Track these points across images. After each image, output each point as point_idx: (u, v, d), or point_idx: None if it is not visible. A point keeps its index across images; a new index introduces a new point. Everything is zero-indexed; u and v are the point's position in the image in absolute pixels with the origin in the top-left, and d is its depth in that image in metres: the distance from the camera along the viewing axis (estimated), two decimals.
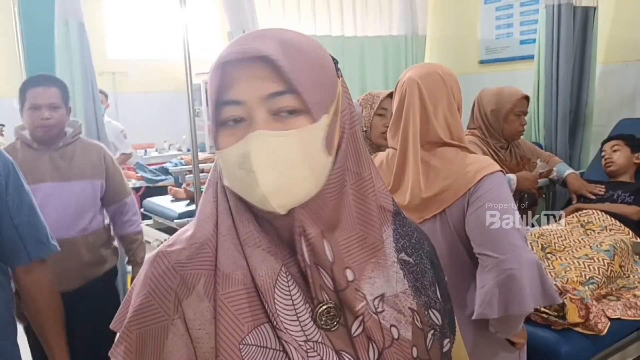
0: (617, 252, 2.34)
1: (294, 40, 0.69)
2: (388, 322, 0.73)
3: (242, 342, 0.67)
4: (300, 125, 0.67)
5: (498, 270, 1.34)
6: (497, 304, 1.34)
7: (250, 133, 0.66)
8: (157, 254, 0.73)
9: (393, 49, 4.67)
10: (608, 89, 3.81)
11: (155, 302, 0.70)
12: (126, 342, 0.70)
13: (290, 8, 4.23)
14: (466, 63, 4.75)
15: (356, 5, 4.51)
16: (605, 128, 3.58)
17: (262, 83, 0.66)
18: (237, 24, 3.68)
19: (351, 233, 0.73)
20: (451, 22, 4.89)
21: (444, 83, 1.50)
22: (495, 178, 1.43)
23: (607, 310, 2.10)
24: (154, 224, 5.05)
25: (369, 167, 0.76)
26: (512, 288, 1.33)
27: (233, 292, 0.68)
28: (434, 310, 0.78)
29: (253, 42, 0.67)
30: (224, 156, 0.68)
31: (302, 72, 0.67)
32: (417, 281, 0.78)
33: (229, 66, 0.67)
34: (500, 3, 4.49)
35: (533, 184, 2.77)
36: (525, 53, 4.26)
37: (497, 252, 1.35)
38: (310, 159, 0.68)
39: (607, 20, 3.74)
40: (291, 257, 0.71)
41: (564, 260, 2.35)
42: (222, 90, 0.67)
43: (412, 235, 0.81)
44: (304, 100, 0.67)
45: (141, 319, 0.70)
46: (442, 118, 1.49)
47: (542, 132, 3.75)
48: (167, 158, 5.90)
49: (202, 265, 0.70)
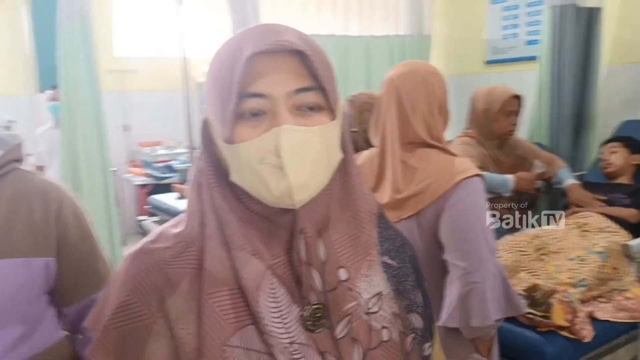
0: (611, 254, 2.31)
1: (309, 38, 0.69)
2: (380, 323, 0.73)
3: (225, 343, 0.66)
4: (322, 121, 0.68)
5: (462, 282, 1.38)
6: (459, 315, 1.38)
7: (273, 127, 0.65)
8: (139, 250, 0.72)
9: (399, 49, 4.64)
10: (612, 90, 3.76)
11: (137, 300, 0.69)
12: (105, 341, 0.69)
13: (295, 6, 4.23)
14: (472, 63, 4.72)
15: (362, 4, 4.50)
16: (610, 129, 3.53)
17: (290, 77, 0.66)
18: (240, 23, 3.70)
19: (345, 232, 0.74)
20: (458, 22, 4.87)
21: (424, 83, 1.50)
22: (472, 183, 1.43)
23: (597, 312, 2.08)
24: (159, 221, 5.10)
25: (355, 167, 0.76)
26: (474, 301, 1.37)
27: (218, 293, 0.68)
28: (415, 313, 0.78)
29: (280, 36, 0.66)
30: (242, 149, 0.66)
31: (324, 69, 0.68)
32: (399, 284, 0.78)
33: (258, 58, 0.65)
34: (507, 3, 4.46)
35: (531, 184, 2.74)
36: (531, 53, 4.22)
37: (464, 263, 1.38)
38: (330, 156, 0.69)
39: (612, 21, 3.69)
40: (282, 257, 0.70)
41: (558, 262, 2.33)
42: (246, 83, 0.65)
43: (395, 239, 0.81)
44: (327, 97, 0.68)
45: (122, 318, 0.69)
46: (420, 118, 1.49)
47: (545, 133, 3.71)
48: (174, 156, 5.94)
49: (187, 264, 0.70)
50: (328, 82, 0.68)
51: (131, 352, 0.68)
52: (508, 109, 2.68)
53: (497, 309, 1.40)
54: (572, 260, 2.30)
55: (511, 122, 2.71)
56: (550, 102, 3.64)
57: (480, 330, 1.42)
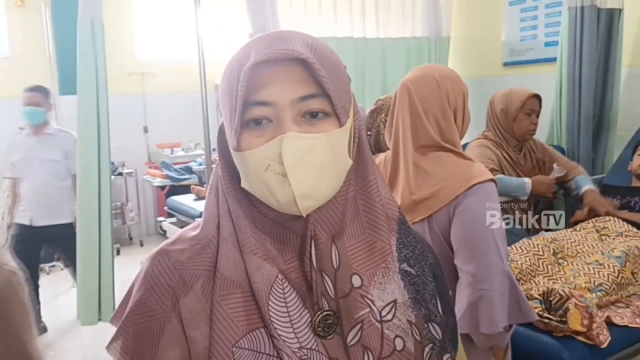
0: (630, 258, 2.28)
1: (318, 45, 0.69)
2: (393, 332, 0.73)
3: (235, 345, 0.68)
4: (328, 128, 0.67)
5: (472, 289, 1.37)
6: (468, 322, 1.38)
7: (278, 135, 0.65)
8: (158, 251, 0.74)
9: (416, 51, 4.63)
10: (633, 92, 3.72)
11: (153, 299, 0.71)
12: (123, 338, 0.71)
13: (312, 9, 4.24)
14: (490, 65, 4.69)
15: (378, 7, 4.49)
16: (630, 132, 3.48)
17: (294, 85, 0.66)
18: (258, 25, 3.72)
19: (359, 238, 0.74)
20: (475, 23, 4.84)
21: (437, 87, 1.49)
22: (485, 188, 1.42)
23: (615, 318, 2.06)
24: (177, 222, 5.15)
25: (374, 172, 0.76)
26: (483, 309, 1.36)
27: (230, 295, 0.69)
28: (434, 323, 0.77)
29: (284, 44, 0.66)
30: (248, 157, 0.67)
31: (331, 75, 0.67)
32: (417, 293, 0.77)
33: (260, 67, 0.65)
34: (525, 4, 4.42)
35: (549, 188, 2.72)
36: (550, 55, 4.18)
37: (473, 269, 1.37)
38: (337, 163, 0.68)
39: (633, 22, 3.65)
40: (295, 262, 0.71)
41: (575, 266, 2.31)
42: (250, 92, 0.66)
43: (415, 246, 0.80)
44: (333, 103, 0.67)
45: (139, 315, 0.71)
46: (434, 122, 1.49)
47: (564, 136, 3.67)
48: (193, 157, 5.99)
49: (202, 266, 0.71)
50: (334, 88, 0.67)
51: (146, 349, 0.70)
52: (528, 108, 2.68)
53: (507, 317, 1.39)
54: (589, 264, 2.27)
55: (532, 121, 2.70)
56: (569, 105, 3.60)
57: (491, 338, 1.42)
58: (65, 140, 3.64)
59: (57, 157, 3.59)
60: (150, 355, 0.70)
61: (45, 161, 3.57)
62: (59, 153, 3.61)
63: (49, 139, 3.62)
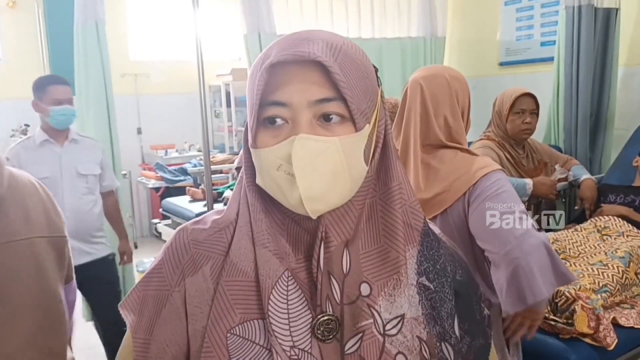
0: (633, 259, 2.28)
1: (343, 47, 0.68)
2: (396, 347, 0.70)
3: (230, 330, 0.69)
4: (344, 132, 0.67)
5: (505, 263, 1.34)
6: (512, 298, 1.33)
7: (292, 135, 0.65)
8: (183, 227, 0.78)
9: (412, 51, 4.63)
10: (630, 91, 3.73)
11: (164, 271, 0.75)
12: (133, 299, 0.76)
13: (308, 10, 4.22)
14: (486, 65, 4.69)
15: (374, 7, 4.49)
16: (627, 132, 3.50)
17: (311, 87, 0.66)
18: (253, 26, 3.71)
19: (374, 246, 0.72)
20: (471, 23, 4.84)
21: (448, 86, 1.50)
22: (494, 175, 1.43)
23: (621, 319, 2.06)
24: (172, 224, 5.11)
25: (397, 178, 0.74)
26: (521, 279, 1.32)
27: (235, 282, 0.70)
28: (447, 344, 0.73)
29: (304, 46, 0.66)
30: (262, 155, 0.68)
31: (351, 80, 0.67)
32: (433, 309, 0.73)
33: (279, 68, 0.66)
34: (520, 4, 4.42)
35: (550, 189, 2.71)
36: (546, 55, 4.19)
37: (500, 245, 1.34)
38: (351, 168, 0.68)
39: (630, 21, 3.66)
40: (305, 262, 0.71)
41: (578, 267, 2.31)
42: (268, 91, 0.67)
43: (437, 260, 0.76)
44: (350, 108, 0.67)
45: (149, 282, 0.76)
46: (442, 121, 1.49)
47: (562, 135, 3.68)
48: (187, 159, 5.95)
49: (215, 249, 0.74)
50: (352, 93, 0.66)
51: (149, 313, 0.74)
52: (519, 108, 2.66)
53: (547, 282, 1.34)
54: (593, 265, 2.27)
55: (524, 120, 2.66)
56: (567, 104, 3.61)
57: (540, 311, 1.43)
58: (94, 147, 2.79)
59: (96, 170, 2.73)
60: (150, 321, 0.74)
61: (83, 177, 2.67)
62: (96, 165, 2.74)
63: (78, 147, 2.69)
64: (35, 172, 2.21)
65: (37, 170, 2.30)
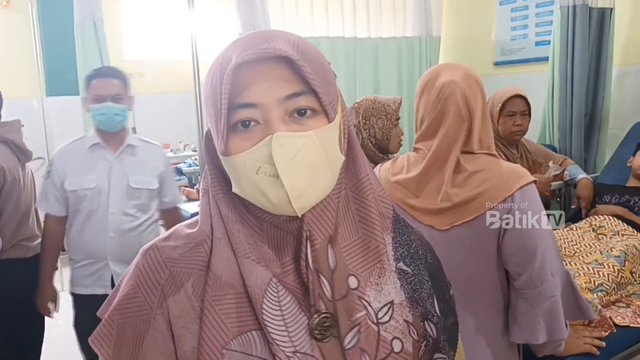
0: (629, 258, 2.29)
1: (300, 42, 0.68)
2: (390, 333, 0.72)
3: (225, 346, 0.66)
4: (317, 125, 0.66)
5: (540, 299, 1.36)
6: (541, 331, 1.38)
7: (267, 135, 0.64)
8: (150, 246, 0.73)
9: (407, 51, 4.64)
10: (624, 91, 3.75)
11: (140, 295, 0.70)
12: (107, 331, 0.71)
13: (303, 9, 4.22)
14: (481, 64, 4.69)
15: (369, 7, 4.50)
16: (621, 131, 3.51)
17: (279, 83, 0.65)
18: (249, 25, 3.70)
19: (353, 238, 0.72)
20: (466, 23, 4.85)
21: (479, 88, 1.44)
22: (530, 190, 1.37)
23: (616, 318, 2.06)
24: None
25: (365, 169, 0.74)
26: (554, 316, 1.37)
27: (222, 296, 0.68)
28: (429, 322, 0.76)
29: (265, 43, 0.65)
30: (238, 161, 0.66)
31: (316, 72, 0.66)
32: (414, 292, 0.76)
33: (243, 68, 0.64)
34: (515, 4, 4.44)
35: (545, 187, 2.72)
36: (540, 54, 4.21)
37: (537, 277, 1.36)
38: (330, 160, 0.67)
39: (625, 21, 3.68)
40: (291, 265, 0.70)
41: (573, 266, 2.31)
42: (234, 94, 0.65)
43: (410, 245, 0.79)
44: (320, 100, 0.66)
45: (124, 310, 0.70)
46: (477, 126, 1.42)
47: (556, 135, 3.70)
48: (182, 158, 5.94)
49: (194, 264, 0.70)
50: (320, 84, 0.66)
51: (129, 344, 0.69)
52: (509, 110, 2.64)
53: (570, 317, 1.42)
54: (588, 264, 2.28)
55: (514, 122, 2.65)
56: (561, 103, 3.62)
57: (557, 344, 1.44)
58: (156, 155, 2.39)
59: (153, 184, 2.29)
60: (132, 351, 0.69)
61: (135, 191, 2.25)
62: (153, 178, 2.30)
63: (134, 154, 2.29)
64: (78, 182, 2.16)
65: (81, 180, 2.17)
